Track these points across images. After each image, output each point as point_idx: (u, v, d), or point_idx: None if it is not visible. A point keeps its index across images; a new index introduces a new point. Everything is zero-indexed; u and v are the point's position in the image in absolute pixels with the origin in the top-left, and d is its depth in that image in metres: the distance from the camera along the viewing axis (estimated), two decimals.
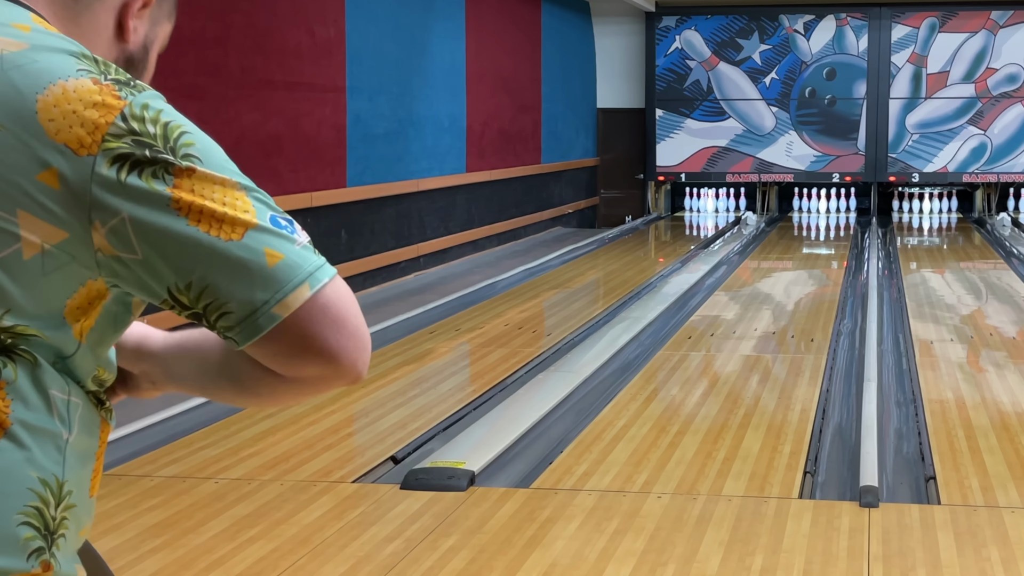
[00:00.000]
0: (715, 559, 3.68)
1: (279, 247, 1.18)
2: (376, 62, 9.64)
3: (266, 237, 1.17)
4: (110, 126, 1.14)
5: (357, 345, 1.23)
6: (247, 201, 1.18)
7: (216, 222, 1.15)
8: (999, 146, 15.46)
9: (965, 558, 3.69)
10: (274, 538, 3.87)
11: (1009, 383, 6.06)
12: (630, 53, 16.02)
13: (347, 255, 9.12)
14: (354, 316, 1.24)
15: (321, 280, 1.20)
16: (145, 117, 1.16)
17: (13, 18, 1.21)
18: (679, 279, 9.89)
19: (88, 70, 1.17)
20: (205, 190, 1.15)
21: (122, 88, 1.17)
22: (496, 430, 5.10)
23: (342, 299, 1.22)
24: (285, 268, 1.17)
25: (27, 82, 1.15)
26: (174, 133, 1.16)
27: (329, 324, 1.20)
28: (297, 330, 1.18)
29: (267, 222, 1.18)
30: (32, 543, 1.13)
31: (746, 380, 6.18)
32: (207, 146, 1.19)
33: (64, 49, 1.19)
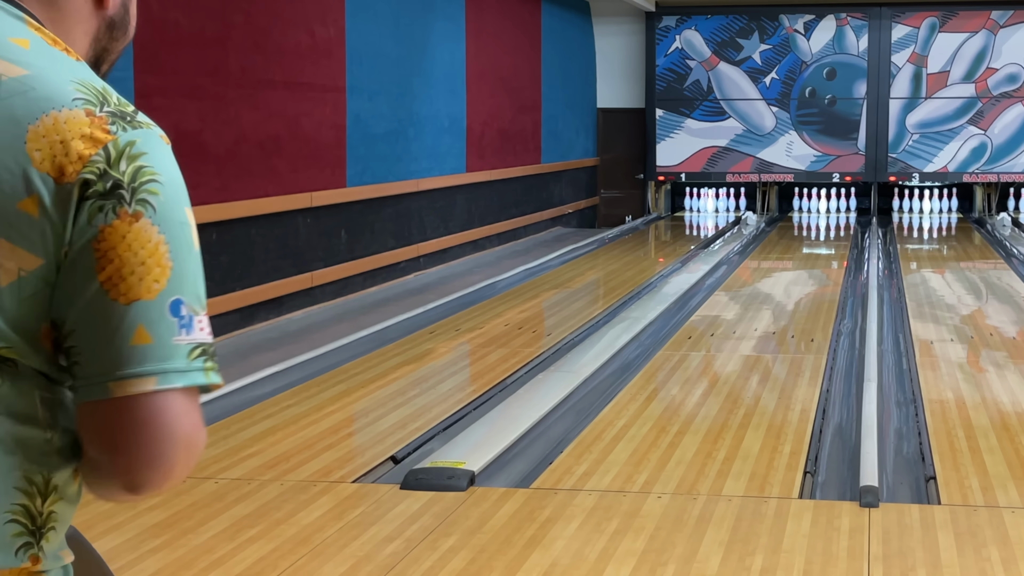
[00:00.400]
0: (715, 559, 3.68)
1: (154, 331, 1.14)
2: (376, 62, 9.64)
3: (150, 316, 1.14)
4: (94, 154, 1.15)
5: (160, 469, 1.16)
6: (164, 273, 1.15)
7: (117, 279, 1.14)
8: (999, 146, 15.46)
9: (965, 558, 3.69)
10: (274, 538, 3.87)
11: (1009, 383, 6.06)
12: (630, 53, 16.02)
13: (347, 255, 9.12)
14: (179, 440, 1.16)
15: (173, 383, 1.15)
16: (124, 153, 1.16)
17: (11, 32, 1.21)
18: (679, 279, 9.89)
19: (85, 99, 1.18)
20: (134, 242, 1.14)
21: (115, 122, 1.18)
22: (496, 430, 5.10)
23: (181, 417, 1.16)
24: (144, 352, 1.14)
25: (24, 111, 1.16)
26: (143, 176, 1.16)
27: (150, 429, 1.15)
28: (117, 416, 1.14)
29: (164, 303, 1.15)
30: (20, 539, 1.16)
31: (746, 380, 6.18)
32: (171, 199, 1.17)
33: (64, 76, 1.19)
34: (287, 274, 8.21)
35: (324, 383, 6.06)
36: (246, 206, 7.69)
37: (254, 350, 6.99)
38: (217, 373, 1.20)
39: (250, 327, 7.71)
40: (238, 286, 7.58)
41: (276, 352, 6.87)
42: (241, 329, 7.61)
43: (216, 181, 7.41)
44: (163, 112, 6.93)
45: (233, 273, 7.51)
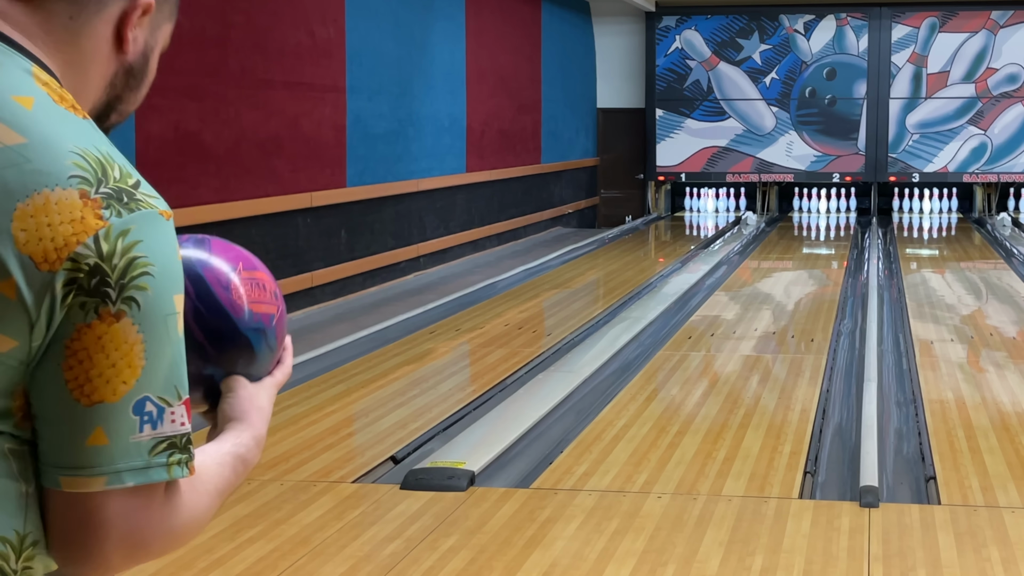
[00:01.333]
0: (715, 559, 3.68)
1: (112, 433, 1.11)
2: (376, 62, 9.64)
3: (110, 418, 1.11)
4: (79, 246, 1.10)
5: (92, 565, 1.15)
6: (135, 373, 1.12)
7: (84, 379, 1.11)
8: (999, 146, 15.46)
9: (965, 558, 3.69)
10: (274, 538, 3.87)
11: (1009, 383, 6.06)
12: (630, 53, 16.02)
13: (347, 255, 9.12)
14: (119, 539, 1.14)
15: (124, 482, 1.12)
16: (117, 247, 1.11)
17: (15, 88, 1.15)
18: (679, 279, 9.89)
19: (82, 177, 1.12)
20: (109, 344, 1.11)
21: (111, 206, 1.12)
22: (496, 430, 5.10)
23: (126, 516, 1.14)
24: (98, 453, 1.11)
25: (15, 186, 1.10)
26: (134, 271, 1.11)
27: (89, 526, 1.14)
28: (63, 507, 1.13)
29: (128, 404, 1.12)
30: None
31: (746, 380, 6.18)
32: (160, 291, 1.13)
33: (64, 145, 1.13)
34: (287, 274, 8.21)
35: (324, 383, 6.06)
36: (246, 206, 7.69)
37: None
38: (185, 465, 1.17)
39: None
40: None
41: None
42: None
43: (216, 181, 7.41)
44: (163, 112, 6.93)
45: None
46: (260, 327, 1.36)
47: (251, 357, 1.35)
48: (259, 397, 1.37)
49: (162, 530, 1.17)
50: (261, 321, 1.36)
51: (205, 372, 1.33)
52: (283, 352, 1.43)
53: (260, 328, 1.36)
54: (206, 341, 1.32)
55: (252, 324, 1.35)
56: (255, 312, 1.36)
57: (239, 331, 1.34)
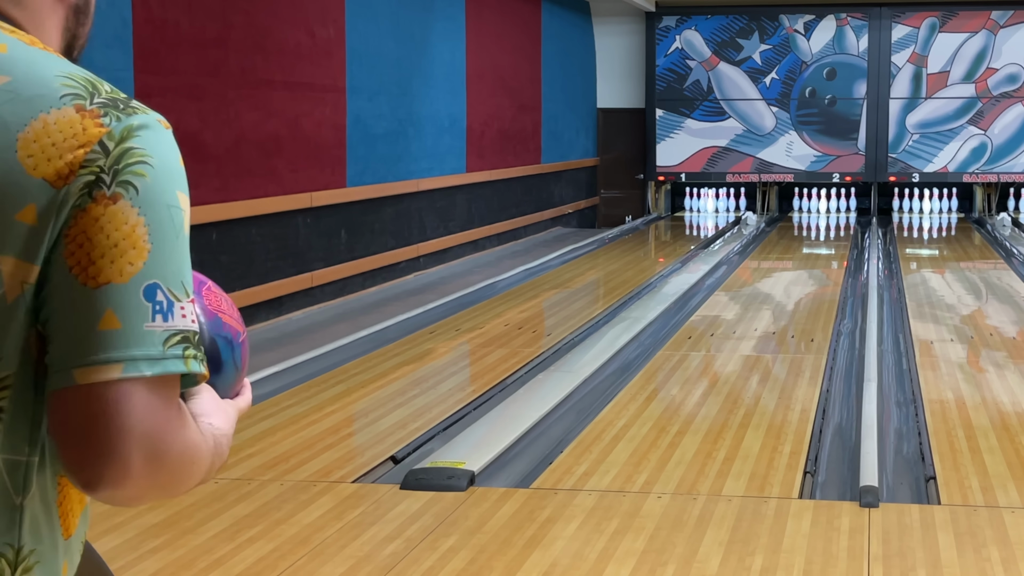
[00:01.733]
0: (715, 559, 3.68)
1: (124, 316, 1.08)
2: (376, 62, 9.64)
3: (120, 300, 1.09)
4: (88, 153, 1.11)
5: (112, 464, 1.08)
6: (140, 255, 1.10)
7: (87, 261, 1.09)
8: (999, 146, 15.46)
9: (965, 558, 3.69)
10: (274, 538, 3.87)
11: (1009, 383, 6.06)
12: (630, 53, 16.02)
13: (347, 255, 9.12)
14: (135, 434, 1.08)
15: (142, 371, 1.08)
16: (121, 140, 1.13)
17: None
18: (679, 279, 9.89)
19: (74, 94, 1.14)
20: (108, 224, 1.09)
21: (108, 112, 1.14)
22: (496, 430, 5.10)
23: (143, 409, 1.09)
24: (111, 338, 1.08)
25: (11, 119, 1.11)
26: (130, 158, 1.12)
27: (104, 419, 1.08)
28: (79, 404, 1.08)
29: (138, 287, 1.09)
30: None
31: (746, 380, 6.18)
32: (160, 180, 1.13)
33: (49, 72, 1.15)
34: (287, 274, 8.21)
35: (324, 383, 6.06)
36: (246, 206, 7.69)
37: (254, 350, 6.97)
38: (202, 363, 1.14)
39: (250, 327, 7.71)
40: (238, 286, 7.58)
41: (276, 352, 6.86)
42: None
43: (216, 181, 7.41)
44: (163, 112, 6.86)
45: (233, 273, 7.51)
46: (228, 337, 1.35)
47: (217, 366, 1.33)
48: (224, 404, 1.33)
49: (179, 440, 1.12)
50: (229, 332, 1.35)
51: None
52: (243, 383, 1.41)
53: (228, 338, 1.35)
54: None
55: (221, 331, 1.34)
56: (224, 321, 1.35)
57: (208, 335, 1.32)
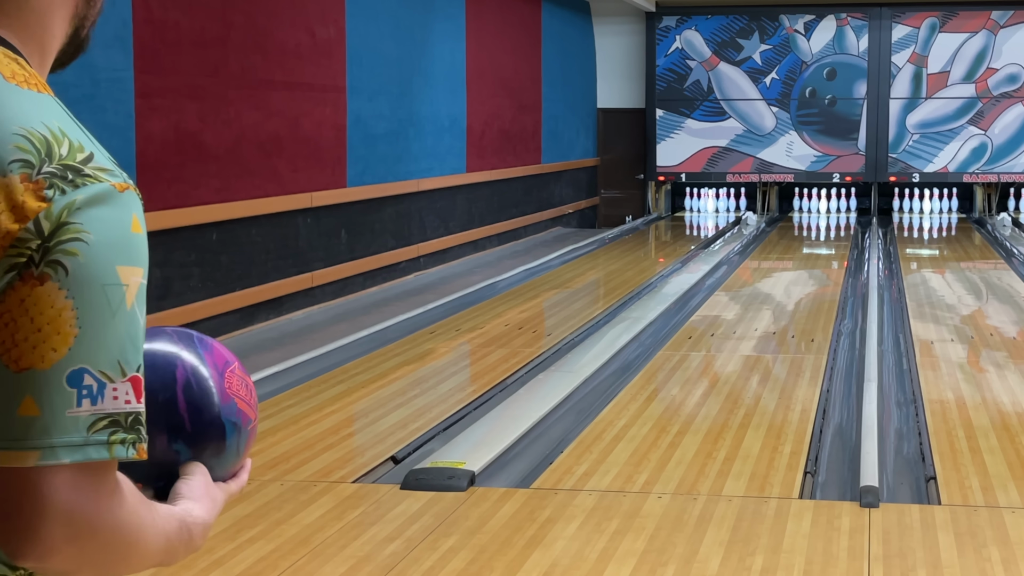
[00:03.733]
0: (715, 559, 3.68)
1: (44, 403, 1.06)
2: (376, 62, 9.64)
3: (40, 386, 1.06)
4: (21, 230, 1.06)
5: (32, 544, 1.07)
6: (65, 341, 1.07)
7: (10, 344, 1.06)
8: (999, 146, 15.46)
9: (965, 558, 3.69)
10: (274, 538, 3.87)
11: (1009, 383, 6.06)
12: (630, 53, 16.02)
13: (347, 255, 9.12)
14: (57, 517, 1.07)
15: (60, 459, 1.06)
16: (57, 218, 1.07)
17: None
18: (679, 279, 9.89)
19: (24, 160, 1.07)
20: (32, 307, 1.06)
21: (54, 184, 1.07)
22: (496, 430, 5.10)
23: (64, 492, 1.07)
24: (30, 424, 1.06)
25: None
26: (64, 235, 1.07)
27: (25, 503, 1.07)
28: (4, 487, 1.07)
29: (60, 373, 1.06)
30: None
31: (746, 380, 6.18)
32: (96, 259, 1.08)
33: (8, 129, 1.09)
34: (287, 274, 8.21)
35: (324, 383, 6.06)
36: (246, 206, 7.69)
37: (254, 350, 6.99)
38: (132, 446, 1.11)
39: (250, 327, 7.71)
40: (238, 286, 7.58)
41: (276, 352, 6.86)
42: (241, 329, 7.61)
43: (216, 181, 7.41)
44: (163, 112, 6.93)
45: (233, 273, 7.51)
46: (237, 422, 1.35)
47: (220, 448, 1.34)
48: (214, 490, 1.32)
49: (109, 519, 1.11)
50: (239, 418, 1.36)
51: (174, 447, 1.30)
52: (242, 466, 1.41)
53: (237, 423, 1.35)
54: (187, 414, 1.31)
55: (232, 416, 1.35)
56: (238, 407, 1.36)
57: (219, 416, 1.33)
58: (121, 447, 1.10)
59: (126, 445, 1.10)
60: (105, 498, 1.11)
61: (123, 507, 1.13)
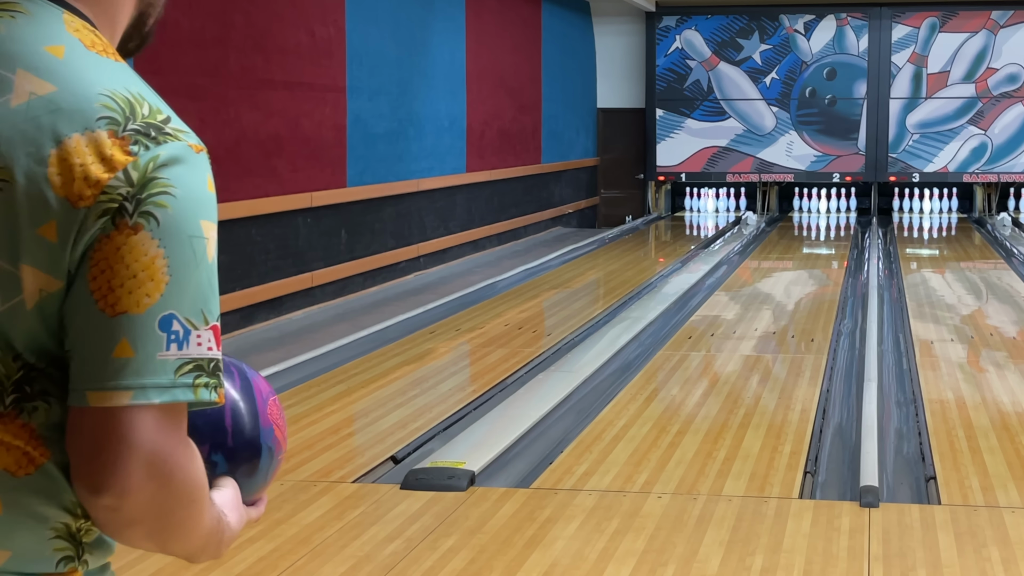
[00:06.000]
0: (715, 559, 3.68)
1: (138, 345, 1.14)
2: (376, 62, 9.64)
3: (135, 330, 1.14)
4: (112, 179, 1.15)
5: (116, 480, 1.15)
6: (158, 287, 1.15)
7: (107, 290, 1.14)
8: (999, 146, 15.46)
9: (965, 558, 3.69)
10: (274, 538, 3.87)
11: (1009, 383, 6.06)
12: (630, 53, 16.02)
13: (347, 255, 9.12)
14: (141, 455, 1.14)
15: (150, 399, 1.14)
16: (144, 170, 1.16)
17: (46, 38, 1.20)
18: (679, 279, 9.89)
19: (110, 118, 1.17)
20: (128, 255, 1.14)
21: (139, 141, 1.17)
22: (496, 430, 5.10)
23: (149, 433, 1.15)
24: (124, 366, 1.13)
25: (49, 134, 1.16)
26: (153, 188, 1.16)
27: (113, 441, 1.14)
28: (89, 424, 1.14)
29: (153, 318, 1.14)
30: (60, 553, 1.21)
31: (746, 380, 6.18)
32: (183, 211, 1.18)
33: (93, 89, 1.18)
34: (287, 274, 8.21)
35: (324, 383, 6.06)
36: (246, 206, 7.69)
37: (254, 350, 6.99)
38: (214, 390, 1.18)
39: (250, 327, 7.71)
40: (238, 286, 7.58)
41: (276, 352, 6.87)
42: (241, 329, 7.61)
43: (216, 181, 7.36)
44: None
45: (233, 273, 7.51)
46: (272, 447, 1.43)
47: (254, 467, 1.41)
48: (240, 506, 1.38)
49: (184, 463, 1.17)
50: (274, 444, 1.44)
51: (213, 458, 1.36)
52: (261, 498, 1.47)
53: (272, 448, 1.43)
54: (231, 430, 1.38)
55: (269, 441, 1.42)
56: (275, 435, 1.44)
57: (258, 438, 1.41)
58: (205, 390, 1.17)
59: (209, 389, 1.18)
60: (182, 445, 1.17)
61: (194, 460, 1.20)
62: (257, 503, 1.45)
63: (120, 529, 1.20)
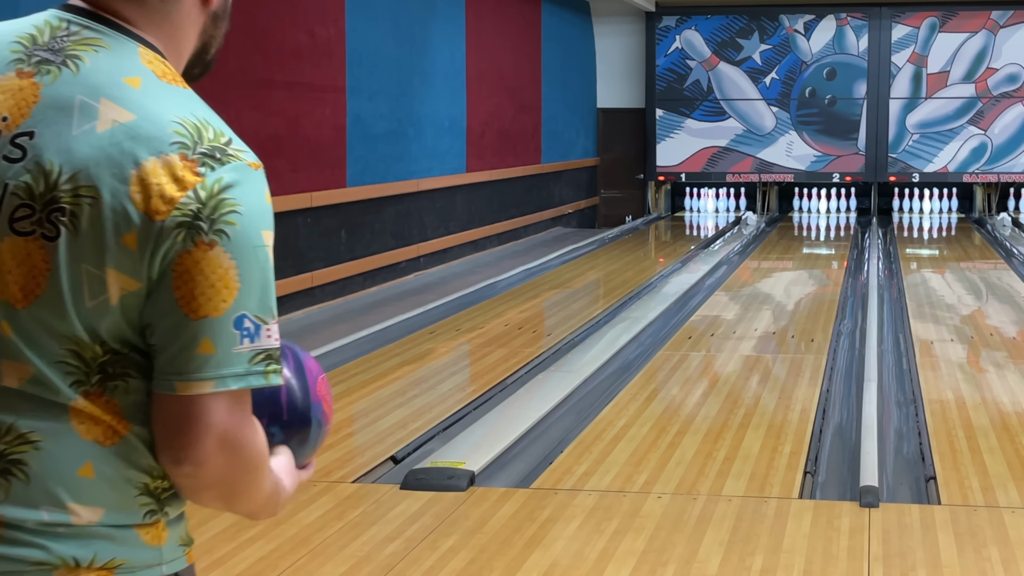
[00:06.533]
0: (715, 559, 3.68)
1: (218, 343, 1.35)
2: (376, 62, 9.64)
3: (214, 330, 1.35)
4: (183, 197, 1.35)
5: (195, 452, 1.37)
6: (232, 294, 1.36)
7: (190, 297, 1.35)
8: (999, 146, 15.46)
9: (965, 558, 3.69)
10: (274, 538, 3.87)
11: (1009, 383, 6.06)
12: (630, 53, 16.02)
13: (347, 255, 9.12)
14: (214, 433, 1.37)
15: (229, 386, 1.36)
16: (212, 192, 1.36)
17: (125, 70, 1.40)
18: (679, 279, 9.90)
19: (181, 142, 1.37)
20: (207, 267, 1.35)
21: (205, 163, 1.37)
22: (496, 430, 5.10)
23: (223, 414, 1.37)
24: (206, 360, 1.35)
25: (130, 157, 1.36)
26: (223, 208, 1.36)
27: (196, 422, 1.37)
28: (177, 407, 1.37)
29: (229, 319, 1.35)
30: (146, 507, 1.42)
31: (746, 380, 6.18)
32: (248, 227, 1.38)
33: (167, 116, 1.38)
34: (287, 274, 8.21)
35: None
36: None
37: None
38: (278, 374, 1.40)
39: None
40: None
41: None
42: None
43: None
44: None
45: None
46: (320, 420, 1.66)
47: (304, 439, 1.64)
48: (293, 470, 1.62)
49: (250, 437, 1.40)
50: (323, 418, 1.67)
51: (271, 429, 1.55)
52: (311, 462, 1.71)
53: (320, 421, 1.66)
54: (286, 406, 1.60)
55: (318, 415, 1.65)
56: (324, 409, 1.67)
57: (310, 413, 1.63)
58: (275, 375, 1.40)
59: (276, 373, 1.40)
60: (248, 422, 1.40)
61: (257, 435, 1.43)
62: (307, 467, 1.69)
63: (196, 492, 1.42)
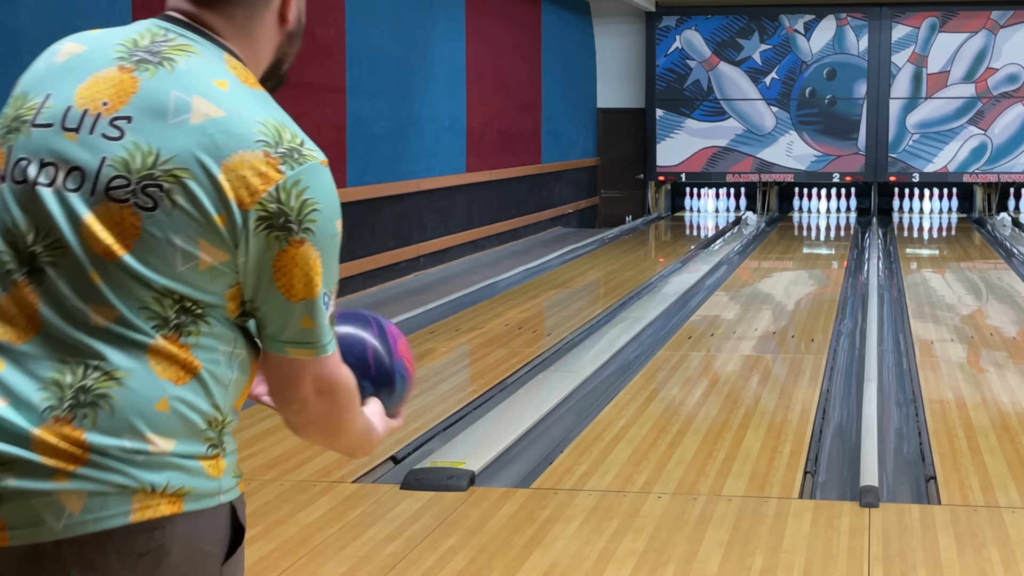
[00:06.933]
0: (715, 559, 3.68)
1: (315, 318, 1.65)
2: (376, 62, 9.64)
3: (312, 309, 1.64)
4: (265, 193, 1.59)
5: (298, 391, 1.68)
6: (320, 277, 1.64)
7: (289, 285, 1.62)
8: (999, 146, 15.45)
9: (965, 558, 3.69)
10: (274, 538, 3.87)
11: (1009, 383, 6.06)
12: (630, 53, 16.02)
13: (347, 255, 9.12)
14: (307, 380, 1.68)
15: (327, 351, 1.68)
16: (292, 192, 1.60)
17: (215, 73, 1.63)
18: (679, 279, 9.90)
19: (265, 141, 1.60)
20: (300, 260, 1.62)
21: (285, 161, 1.61)
22: (496, 430, 5.10)
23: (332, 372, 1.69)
24: (309, 332, 1.66)
25: (222, 148, 1.58)
26: (307, 210, 1.61)
27: (310, 380, 1.68)
28: (288, 368, 1.68)
29: (320, 298, 1.65)
30: (209, 441, 1.64)
31: (746, 380, 6.18)
32: (327, 220, 1.63)
33: (252, 116, 1.61)
34: None
35: None
36: None
37: None
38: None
39: None
40: None
41: None
42: None
43: None
44: None
45: None
46: (404, 375, 1.96)
47: (391, 391, 1.94)
48: (384, 417, 1.90)
49: (342, 382, 1.71)
50: (407, 373, 1.97)
51: (362, 383, 1.83)
52: (400, 412, 1.98)
53: (404, 376, 1.96)
54: (373, 363, 1.91)
55: (402, 371, 1.96)
56: (407, 366, 1.97)
57: (394, 368, 1.94)
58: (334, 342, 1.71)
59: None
60: (339, 368, 1.71)
61: (349, 378, 1.73)
62: (397, 415, 1.97)
63: (301, 427, 1.73)
